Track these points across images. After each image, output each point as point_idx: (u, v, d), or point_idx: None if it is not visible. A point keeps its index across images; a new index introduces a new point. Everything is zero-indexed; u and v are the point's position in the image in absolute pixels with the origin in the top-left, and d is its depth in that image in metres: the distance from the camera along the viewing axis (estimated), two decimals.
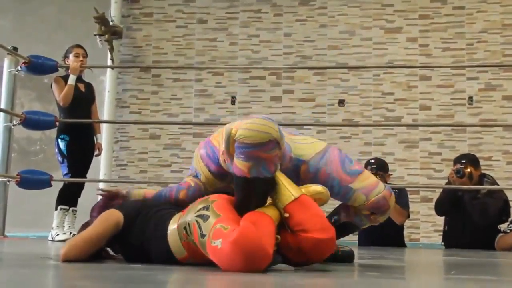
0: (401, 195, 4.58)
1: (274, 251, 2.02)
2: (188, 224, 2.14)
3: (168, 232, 2.22)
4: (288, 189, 2.17)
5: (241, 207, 2.14)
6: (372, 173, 4.40)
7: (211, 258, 2.06)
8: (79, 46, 4.87)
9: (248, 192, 2.15)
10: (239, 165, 2.11)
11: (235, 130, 2.12)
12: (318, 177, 2.36)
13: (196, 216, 2.13)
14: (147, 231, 2.28)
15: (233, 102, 7.01)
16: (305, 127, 6.75)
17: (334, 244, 2.17)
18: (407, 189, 4.85)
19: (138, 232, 2.29)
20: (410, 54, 6.81)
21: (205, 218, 2.10)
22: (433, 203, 4.77)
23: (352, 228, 2.54)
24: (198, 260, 2.19)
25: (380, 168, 4.52)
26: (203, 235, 2.07)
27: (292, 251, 2.13)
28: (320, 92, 6.89)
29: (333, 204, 2.56)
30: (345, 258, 2.58)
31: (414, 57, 6.80)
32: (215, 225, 2.04)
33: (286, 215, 2.13)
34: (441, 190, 4.79)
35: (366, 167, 4.50)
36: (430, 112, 6.69)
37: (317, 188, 2.24)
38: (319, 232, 2.09)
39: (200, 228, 2.09)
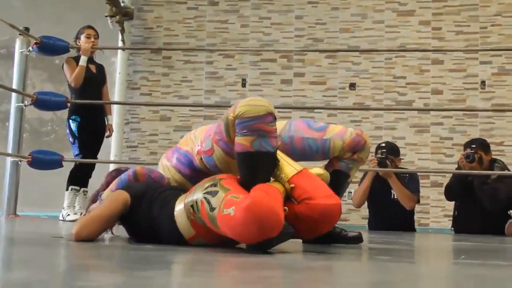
0: (412, 180, 4.57)
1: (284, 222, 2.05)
2: (196, 202, 2.17)
3: (175, 212, 2.24)
4: (291, 165, 2.28)
5: (246, 184, 2.18)
6: (383, 158, 4.40)
7: (222, 230, 2.07)
8: (90, 27, 4.87)
9: (252, 167, 2.20)
10: (241, 141, 2.19)
11: (232, 113, 2.22)
12: (294, 145, 2.51)
13: (204, 193, 2.16)
14: (153, 213, 2.30)
15: (243, 85, 7.00)
16: (315, 110, 6.73)
17: (341, 211, 2.24)
18: (418, 174, 4.83)
19: (145, 214, 2.32)
20: (423, 38, 6.75)
21: (214, 193, 2.14)
22: (443, 188, 4.75)
23: (342, 176, 2.58)
24: (206, 238, 2.22)
25: (391, 152, 4.50)
26: (212, 209, 2.10)
27: (301, 222, 2.17)
28: (331, 75, 6.86)
29: None
30: (353, 240, 2.59)
31: (426, 40, 6.74)
32: (226, 197, 2.08)
33: (292, 185, 2.21)
34: (451, 175, 4.77)
35: (376, 150, 4.49)
36: (442, 97, 6.64)
37: (317, 170, 2.35)
38: (325, 198, 2.18)
39: (209, 203, 2.12)
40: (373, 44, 6.77)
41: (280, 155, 2.29)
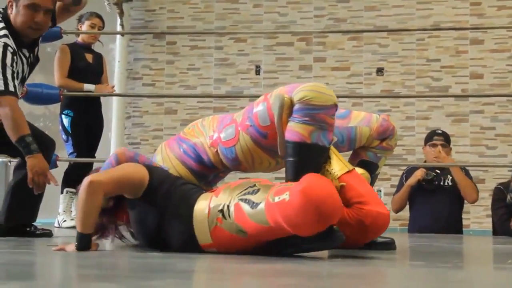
0: (468, 174, 4.67)
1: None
2: (228, 206, 2.19)
3: (195, 212, 2.25)
4: (342, 161, 2.31)
5: (293, 175, 2.21)
6: (429, 179, 4.45)
7: (272, 221, 2.07)
8: (97, 16, 4.86)
9: (303, 159, 2.23)
10: (298, 129, 2.22)
11: (287, 94, 2.23)
12: None
13: (240, 195, 2.18)
14: (170, 206, 2.30)
15: (257, 72, 7.00)
16: (339, 99, 6.71)
17: (389, 221, 2.29)
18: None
19: (159, 204, 2.31)
20: (460, 15, 6.70)
21: (253, 192, 2.18)
22: (485, 184, 4.74)
23: (370, 167, 2.60)
24: (223, 249, 2.22)
25: (448, 140, 4.61)
26: (256, 205, 2.13)
27: (349, 227, 2.19)
28: (356, 60, 6.84)
29: None
30: (384, 246, 2.59)
31: (464, 17, 6.69)
32: (274, 188, 2.12)
33: (342, 184, 2.25)
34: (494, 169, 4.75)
35: (431, 137, 4.59)
36: (482, 81, 6.60)
37: (358, 170, 2.39)
38: (378, 205, 2.23)
39: (249, 202, 2.15)
40: (402, 23, 6.73)
41: (332, 151, 2.33)
